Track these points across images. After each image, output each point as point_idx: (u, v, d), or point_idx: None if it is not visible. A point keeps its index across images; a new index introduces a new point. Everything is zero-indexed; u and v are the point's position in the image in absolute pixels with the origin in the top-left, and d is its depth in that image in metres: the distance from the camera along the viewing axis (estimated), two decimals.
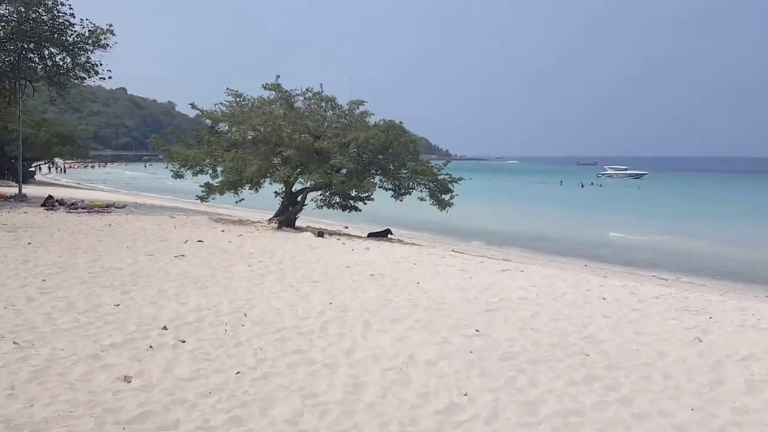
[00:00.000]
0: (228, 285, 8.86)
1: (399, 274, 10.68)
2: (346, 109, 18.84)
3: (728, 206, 53.59)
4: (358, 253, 13.28)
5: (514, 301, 8.60)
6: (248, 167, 16.78)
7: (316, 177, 16.50)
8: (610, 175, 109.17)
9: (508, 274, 11.35)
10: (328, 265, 11.34)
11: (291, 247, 13.55)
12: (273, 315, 7.18)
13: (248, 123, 17.19)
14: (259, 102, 18.55)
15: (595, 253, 28.61)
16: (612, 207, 52.09)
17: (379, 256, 13.03)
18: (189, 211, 23.70)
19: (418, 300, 8.46)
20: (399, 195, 19.29)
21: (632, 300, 9.16)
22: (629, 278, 19.15)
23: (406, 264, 11.96)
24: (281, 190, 19.50)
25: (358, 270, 10.89)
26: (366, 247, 14.49)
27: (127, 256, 11.22)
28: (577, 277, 11.46)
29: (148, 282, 8.85)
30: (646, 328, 7.31)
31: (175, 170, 19.26)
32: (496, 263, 13.73)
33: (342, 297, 8.41)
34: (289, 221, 18.74)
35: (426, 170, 18.05)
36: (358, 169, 17.68)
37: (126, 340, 5.95)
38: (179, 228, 16.66)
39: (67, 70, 24.02)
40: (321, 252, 13.13)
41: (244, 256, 11.89)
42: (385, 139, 17.40)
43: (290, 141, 16.35)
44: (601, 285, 10.47)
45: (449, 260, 13.06)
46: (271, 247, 13.48)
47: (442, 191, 18.91)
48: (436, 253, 14.71)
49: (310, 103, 19.30)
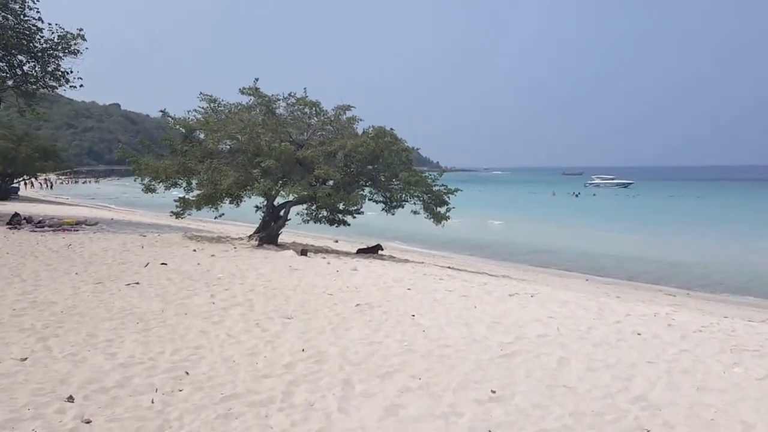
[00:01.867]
0: (178, 325, 7.15)
1: (390, 303, 9.00)
2: (332, 114, 17.18)
3: (727, 214, 52.48)
4: (343, 276, 11.59)
5: (532, 341, 6.95)
6: (224, 180, 15.09)
7: (299, 189, 14.82)
8: (597, 184, 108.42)
9: (517, 301, 9.69)
10: (308, 292, 9.65)
11: (267, 270, 11.85)
12: (224, 372, 5.48)
13: (224, 131, 15.50)
14: (236, 108, 16.87)
15: (596, 265, 27.31)
16: (609, 216, 50.82)
17: (368, 279, 11.34)
18: (166, 228, 21.94)
19: (413, 342, 6.79)
20: (390, 208, 17.64)
21: (673, 336, 7.52)
22: (643, 295, 17.60)
23: (398, 289, 10.29)
24: (262, 204, 17.80)
25: (342, 299, 9.21)
26: (353, 268, 12.80)
27: (71, 285, 9.50)
28: (597, 303, 9.81)
29: (80, 322, 7.13)
30: (708, 381, 5.67)
31: (145, 184, 17.52)
32: (499, 284, 12.07)
33: (319, 340, 6.73)
34: (270, 238, 17.03)
35: (420, 181, 16.41)
36: (345, 180, 16.03)
37: (5, 421, 4.24)
38: (146, 248, 14.95)
39: (36, 78, 22.37)
40: (301, 275, 11.44)
41: (209, 282, 10.18)
42: (374, 147, 15.77)
43: (269, 150, 14.68)
44: (629, 314, 8.83)
45: (448, 283, 11.39)
46: (245, 270, 11.78)
47: (437, 203, 17.28)
48: (433, 273, 13.04)
49: (293, 109, 17.66)
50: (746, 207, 60.88)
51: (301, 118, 17.45)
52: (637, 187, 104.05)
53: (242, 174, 15.41)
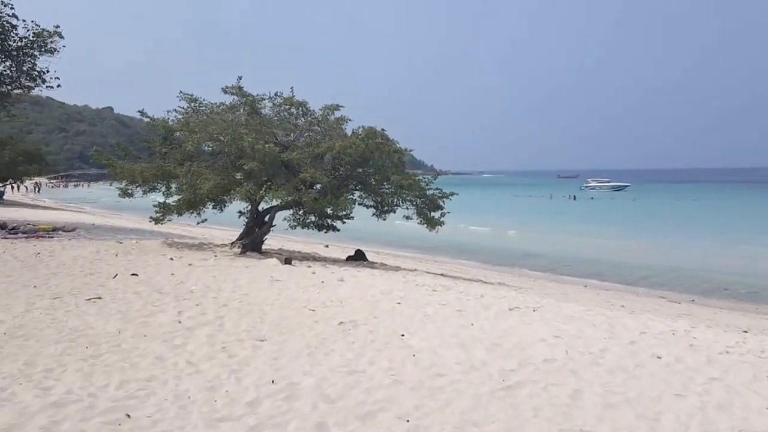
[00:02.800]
0: (132, 350, 6.23)
1: (378, 320, 8.10)
2: (320, 115, 16.25)
3: (724, 217, 51.90)
4: (328, 288, 10.68)
5: (538, 368, 6.06)
6: (204, 183, 14.14)
7: (283, 194, 13.89)
8: (593, 187, 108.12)
9: (518, 316, 8.80)
10: (287, 308, 8.73)
11: (246, 281, 10.92)
12: (173, 414, 4.56)
13: (204, 132, 14.55)
14: (219, 108, 15.91)
15: (593, 271, 26.57)
16: (607, 220, 50.14)
17: (355, 291, 10.43)
18: (148, 234, 20.96)
19: (402, 370, 5.89)
20: (381, 213, 16.73)
21: (698, 359, 6.65)
22: (645, 302, 16.77)
23: (387, 303, 9.38)
24: (246, 209, 16.87)
25: (324, 315, 8.30)
26: (340, 278, 11.89)
27: (25, 300, 8.55)
28: (607, 318, 8.93)
29: (21, 347, 6.20)
30: (750, 421, 4.80)
31: (121, 188, 16.55)
32: (497, 296, 11.19)
33: (292, 368, 5.82)
34: (254, 245, 16.09)
35: (413, 184, 15.50)
36: (333, 184, 15.11)
37: None
38: (121, 256, 14.00)
39: (11, 78, 21.37)
40: (282, 287, 10.51)
41: (180, 296, 9.25)
42: (364, 149, 14.87)
43: (253, 152, 13.75)
44: (644, 331, 7.95)
45: (442, 295, 10.49)
46: (222, 281, 10.85)
47: (431, 208, 16.37)
48: (425, 283, 12.13)
49: (279, 110, 16.72)
50: (743, 210, 60.42)
51: (288, 118, 16.53)
52: (632, 190, 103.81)
53: (223, 177, 14.47)
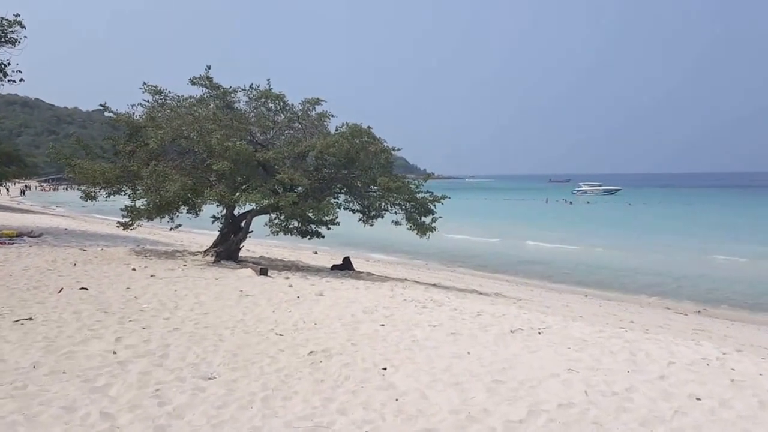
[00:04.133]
0: (39, 395, 4.87)
1: (356, 348, 6.79)
2: (299, 109, 14.92)
3: (722, 222, 51.05)
4: (304, 305, 9.35)
5: (553, 418, 4.76)
6: (169, 185, 12.79)
7: (258, 197, 12.56)
8: (585, 191, 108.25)
9: (521, 341, 7.50)
10: (250, 331, 7.40)
11: (211, 297, 9.57)
12: None
13: (169, 127, 13.19)
14: (187, 102, 14.53)
15: (592, 279, 25.48)
16: (604, 225, 49.18)
17: (334, 309, 9.11)
18: (120, 240, 19.50)
19: (380, 422, 4.58)
20: (368, 218, 15.43)
21: (749, 402, 5.36)
22: (652, 314, 15.54)
23: (369, 325, 8.06)
24: (220, 214, 15.52)
25: (293, 341, 6.98)
26: (319, 292, 10.56)
27: None
28: (625, 342, 7.64)
29: None
30: None
31: (83, 190, 15.14)
32: (496, 314, 9.90)
33: (239, 422, 4.49)
34: (230, 253, 14.75)
35: (401, 187, 14.21)
36: (315, 186, 13.80)
37: None
38: (79, 266, 12.63)
39: None
40: (251, 304, 9.18)
41: (126, 317, 7.89)
42: (348, 148, 13.57)
43: (222, 150, 12.42)
44: (672, 361, 6.66)
45: (433, 313, 9.18)
46: (183, 296, 9.50)
47: (422, 213, 15.10)
48: (415, 298, 10.81)
49: (256, 105, 15.38)
50: (740, 215, 59.70)
51: (266, 115, 15.19)
52: (624, 194, 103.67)
53: (192, 179, 13.10)
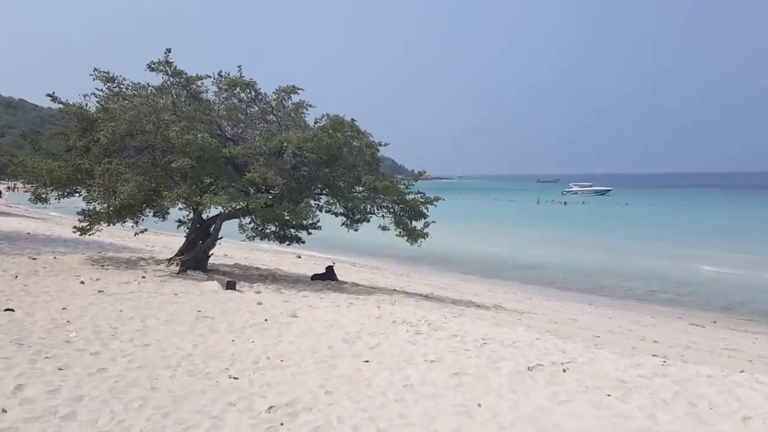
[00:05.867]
0: None
1: (332, 396, 5.14)
2: (273, 99, 13.20)
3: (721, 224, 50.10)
4: (272, 330, 7.68)
5: None
6: (122, 185, 11.06)
7: (224, 199, 10.86)
8: (575, 192, 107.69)
9: (545, 384, 5.88)
10: (196, 373, 5.72)
11: (160, 320, 7.86)
12: None
13: (122, 119, 11.44)
14: (146, 92, 12.76)
15: (593, 284, 24.23)
16: (601, 226, 48.02)
17: (307, 336, 7.44)
18: (81, 246, 17.56)
19: None
20: (352, 222, 13.78)
21: None
22: (665, 325, 14.08)
23: (350, 360, 6.41)
24: (186, 218, 13.79)
25: (249, 389, 5.31)
26: (293, 312, 8.89)
27: None
28: (674, 383, 6.03)
29: None
30: None
31: (33, 191, 13.35)
32: (504, 339, 8.30)
33: None
34: (197, 262, 13.03)
35: (389, 187, 12.54)
36: (291, 186, 12.13)
37: None
38: (21, 278, 10.88)
39: None
40: (207, 329, 7.50)
41: (42, 352, 6.17)
42: (329, 143, 11.91)
43: (183, 145, 10.72)
44: (748, 416, 5.10)
45: (429, 342, 7.54)
46: (127, 319, 7.80)
47: (412, 216, 13.46)
48: (406, 318, 9.15)
49: (227, 96, 13.65)
50: (734, 216, 58.91)
51: (238, 106, 13.47)
52: (615, 195, 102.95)
53: (149, 178, 11.37)
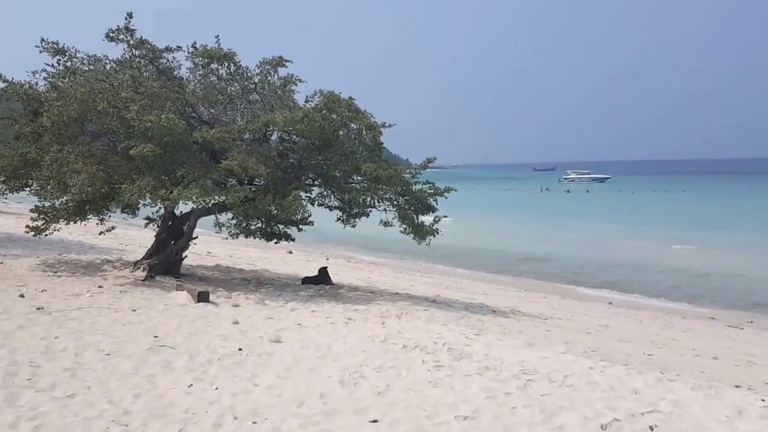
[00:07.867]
0: None
1: None
2: (256, 74, 11.23)
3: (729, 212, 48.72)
4: (246, 367, 5.84)
5: None
6: (71, 178, 9.19)
7: (196, 193, 8.99)
8: (572, 179, 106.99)
9: None
10: None
11: (100, 353, 6.02)
12: None
13: (73, 98, 9.51)
14: (104, 66, 10.77)
15: (608, 278, 22.79)
16: (609, 216, 46.35)
17: (292, 376, 5.61)
18: (42, 246, 15.19)
19: None
20: (350, 217, 11.92)
21: None
22: (701, 328, 12.36)
23: (349, 419, 4.58)
24: (156, 214, 11.89)
25: None
26: (276, 337, 7.04)
27: None
28: None
29: None
30: None
31: None
32: (548, 370, 6.50)
33: None
34: (168, 265, 11.18)
35: (393, 176, 10.61)
36: (277, 176, 10.26)
37: None
38: None
39: None
40: (160, 367, 5.66)
41: None
42: (323, 125, 10.02)
43: (144, 128, 8.83)
44: None
45: (457, 384, 5.69)
46: (55, 352, 5.95)
47: (419, 210, 11.60)
48: (419, 341, 7.28)
49: (204, 72, 11.69)
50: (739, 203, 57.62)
51: (216, 84, 11.53)
52: (614, 182, 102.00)
53: (104, 169, 9.46)
